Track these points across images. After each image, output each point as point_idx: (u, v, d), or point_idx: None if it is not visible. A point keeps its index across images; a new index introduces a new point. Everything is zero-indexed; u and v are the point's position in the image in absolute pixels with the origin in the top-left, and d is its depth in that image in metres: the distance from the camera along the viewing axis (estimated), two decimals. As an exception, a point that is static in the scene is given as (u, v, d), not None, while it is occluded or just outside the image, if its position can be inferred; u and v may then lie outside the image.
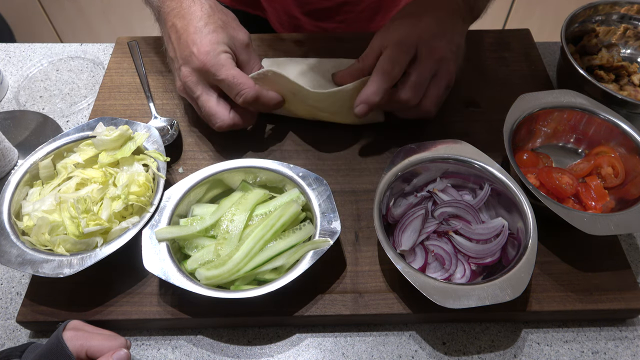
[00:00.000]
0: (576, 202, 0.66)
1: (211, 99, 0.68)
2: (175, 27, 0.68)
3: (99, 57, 0.92)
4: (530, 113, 0.69)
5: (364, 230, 0.66)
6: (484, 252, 0.61)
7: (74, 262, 0.57)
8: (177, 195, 0.63)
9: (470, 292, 0.54)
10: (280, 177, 0.65)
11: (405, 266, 0.56)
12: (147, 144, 0.68)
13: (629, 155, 0.68)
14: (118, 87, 0.82)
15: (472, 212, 0.64)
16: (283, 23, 0.99)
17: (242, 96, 0.66)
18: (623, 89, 0.78)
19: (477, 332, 0.61)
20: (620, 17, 0.83)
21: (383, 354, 0.59)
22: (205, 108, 0.68)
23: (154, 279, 0.62)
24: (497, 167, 0.64)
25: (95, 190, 0.63)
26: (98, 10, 1.94)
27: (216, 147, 0.75)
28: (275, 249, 0.59)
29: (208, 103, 0.68)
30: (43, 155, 0.67)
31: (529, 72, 0.84)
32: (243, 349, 0.60)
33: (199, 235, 0.62)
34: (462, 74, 0.83)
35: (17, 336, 0.61)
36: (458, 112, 0.79)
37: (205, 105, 0.68)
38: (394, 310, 0.59)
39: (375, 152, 0.74)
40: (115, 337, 0.54)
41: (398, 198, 0.67)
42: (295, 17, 0.97)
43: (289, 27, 1.00)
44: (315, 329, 0.61)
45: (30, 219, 0.61)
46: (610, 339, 0.61)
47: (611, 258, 0.64)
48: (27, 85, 0.88)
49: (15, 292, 0.65)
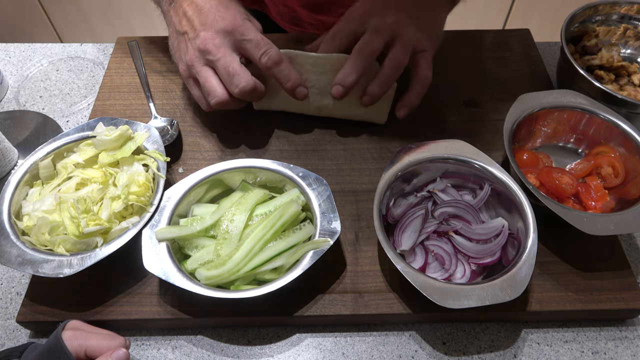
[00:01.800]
0: (576, 202, 0.66)
1: (235, 60, 0.67)
2: (195, 2, 0.69)
3: (99, 57, 0.92)
4: (530, 113, 0.69)
5: (364, 230, 0.66)
6: (484, 252, 0.61)
7: (74, 262, 0.57)
8: (177, 195, 0.63)
9: (470, 292, 0.54)
10: (280, 177, 0.65)
11: (405, 266, 0.56)
12: (147, 144, 0.68)
13: (629, 155, 0.67)
14: (118, 87, 0.82)
15: (472, 212, 0.64)
16: (282, 15, 1.00)
17: (267, 54, 0.67)
18: (623, 89, 0.78)
19: (477, 332, 0.61)
20: (620, 17, 0.83)
21: (383, 354, 0.59)
22: (228, 69, 0.67)
23: (154, 279, 0.62)
24: (497, 167, 0.64)
25: (95, 190, 0.63)
26: (98, 10, 1.94)
27: (216, 147, 0.75)
28: (275, 249, 0.59)
29: (232, 64, 0.67)
30: (43, 155, 0.67)
31: (529, 72, 0.84)
32: (243, 349, 0.60)
33: (199, 235, 0.62)
34: (462, 73, 0.84)
35: (17, 336, 0.61)
36: (458, 112, 0.79)
37: (228, 66, 0.66)
38: (394, 310, 0.59)
39: (375, 152, 0.74)
40: (115, 336, 0.54)
41: (398, 198, 0.67)
42: (293, 10, 0.97)
43: (288, 19, 1.00)
44: (315, 329, 0.61)
45: (30, 219, 0.61)
46: (610, 339, 0.61)
47: (611, 258, 0.64)
48: (27, 85, 0.88)
49: (15, 292, 0.65)
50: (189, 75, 0.71)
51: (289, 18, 1.00)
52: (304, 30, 1.02)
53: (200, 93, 0.71)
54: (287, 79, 0.70)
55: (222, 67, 0.67)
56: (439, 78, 0.78)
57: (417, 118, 0.78)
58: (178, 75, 0.84)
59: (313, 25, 1.00)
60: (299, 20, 0.99)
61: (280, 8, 0.98)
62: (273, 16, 1.02)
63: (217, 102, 0.68)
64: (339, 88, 0.69)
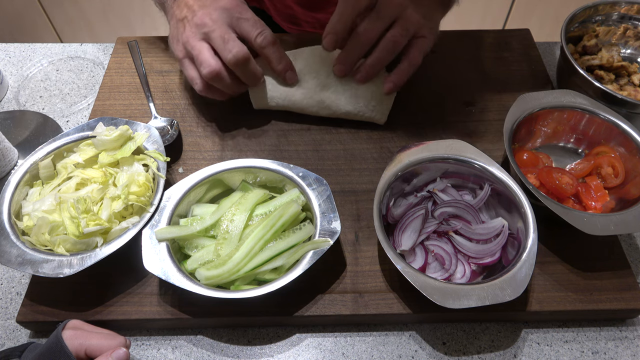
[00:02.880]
0: (576, 202, 0.66)
1: (230, 33, 0.68)
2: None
3: (99, 57, 0.92)
4: (530, 113, 0.69)
5: (364, 230, 0.66)
6: (484, 252, 0.61)
7: (74, 262, 0.57)
8: (177, 195, 0.63)
9: (470, 292, 0.54)
10: (280, 177, 0.65)
11: (405, 266, 0.56)
12: (147, 144, 0.68)
13: (629, 155, 0.67)
14: (118, 87, 0.82)
15: (472, 212, 0.64)
16: (280, 13, 1.01)
17: (263, 34, 0.69)
18: (623, 89, 0.78)
19: (477, 332, 0.61)
20: (620, 17, 0.83)
21: (383, 354, 0.59)
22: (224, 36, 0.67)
23: (154, 279, 0.62)
24: (497, 167, 0.64)
25: (95, 190, 0.63)
26: (98, 10, 1.94)
27: (216, 147, 0.75)
28: (275, 249, 0.59)
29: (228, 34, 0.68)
30: (43, 155, 0.67)
31: (529, 72, 0.84)
32: (243, 349, 0.60)
33: (199, 235, 0.62)
34: (462, 73, 0.84)
35: (17, 336, 0.61)
36: (458, 112, 0.79)
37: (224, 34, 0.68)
38: (394, 310, 0.59)
39: (375, 152, 0.74)
40: (115, 336, 0.54)
41: (398, 198, 0.67)
42: (289, 7, 0.98)
43: (285, 17, 1.01)
44: (315, 329, 0.61)
45: (30, 219, 0.61)
46: (610, 339, 0.61)
47: (611, 258, 0.64)
48: (27, 85, 0.88)
49: (15, 292, 0.65)
50: (185, 55, 0.71)
51: (286, 16, 1.00)
52: (301, 29, 1.02)
53: (195, 72, 0.70)
54: (279, 61, 0.72)
55: (218, 36, 0.67)
56: (439, 78, 0.78)
57: (417, 118, 0.78)
58: (178, 75, 0.84)
59: (310, 23, 1.00)
60: (295, 18, 1.00)
61: (277, 5, 0.99)
62: (272, 14, 1.02)
63: (209, 71, 0.67)
64: (340, 66, 0.72)
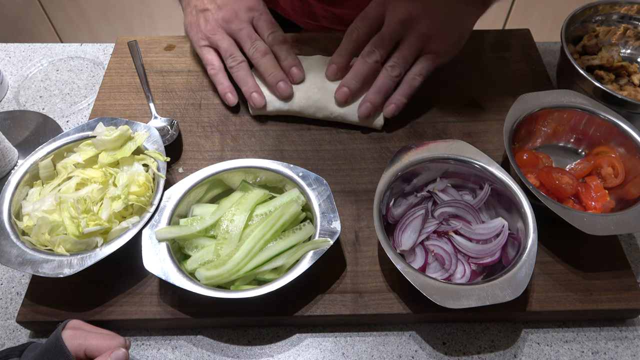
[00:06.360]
0: (576, 202, 0.66)
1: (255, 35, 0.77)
2: None
3: (99, 57, 0.92)
4: (530, 113, 0.69)
5: (364, 230, 0.66)
6: (484, 252, 0.61)
7: (74, 262, 0.57)
8: (177, 195, 0.63)
9: (470, 292, 0.54)
10: (280, 177, 0.65)
11: (405, 266, 0.56)
12: (147, 144, 0.68)
13: (629, 155, 0.67)
14: (118, 87, 0.82)
15: (472, 212, 0.64)
16: (297, 10, 1.01)
17: (274, 33, 0.77)
18: (623, 89, 0.78)
19: (477, 332, 0.61)
20: (620, 17, 0.83)
21: (383, 354, 0.59)
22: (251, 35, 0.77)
23: (154, 279, 0.62)
24: (497, 167, 0.64)
25: (95, 190, 0.63)
26: (98, 10, 1.94)
27: (216, 147, 0.75)
28: (275, 249, 0.59)
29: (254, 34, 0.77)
30: (43, 155, 0.67)
31: (529, 72, 0.84)
32: (243, 349, 0.60)
33: (199, 235, 0.62)
34: (462, 73, 0.84)
35: (17, 336, 0.61)
36: (458, 112, 0.79)
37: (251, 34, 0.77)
38: (394, 310, 0.59)
39: (375, 152, 0.74)
40: (114, 336, 0.54)
41: (398, 198, 0.67)
42: (307, 3, 0.98)
43: (303, 13, 1.01)
44: (315, 329, 0.61)
45: (30, 219, 0.61)
46: (610, 339, 0.61)
47: (611, 258, 0.64)
48: (27, 85, 0.88)
49: (15, 292, 0.65)
50: (206, 43, 0.78)
51: (303, 12, 1.01)
52: (319, 24, 1.03)
53: (215, 55, 0.78)
54: (285, 58, 0.76)
55: (246, 34, 0.77)
56: (439, 78, 0.78)
57: (417, 118, 0.78)
58: (178, 75, 0.84)
59: (328, 18, 1.01)
60: (313, 13, 1.00)
61: (294, 2, 0.99)
62: (288, 12, 1.03)
63: (236, 63, 0.76)
64: (344, 89, 0.74)
